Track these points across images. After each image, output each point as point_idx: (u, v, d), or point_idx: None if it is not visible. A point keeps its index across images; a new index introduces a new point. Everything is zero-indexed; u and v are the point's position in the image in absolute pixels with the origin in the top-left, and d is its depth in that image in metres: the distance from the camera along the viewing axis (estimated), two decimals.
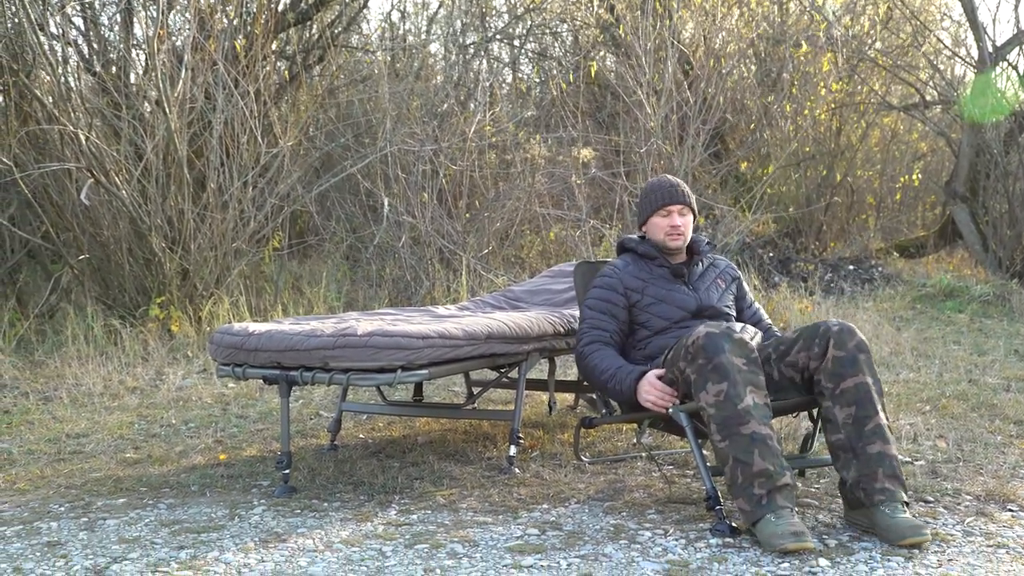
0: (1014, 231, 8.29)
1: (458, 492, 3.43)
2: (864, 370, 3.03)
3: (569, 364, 5.50)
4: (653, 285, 3.53)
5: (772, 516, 2.82)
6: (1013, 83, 8.55)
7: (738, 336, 3.01)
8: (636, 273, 3.55)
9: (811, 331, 3.15)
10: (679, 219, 3.53)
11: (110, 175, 6.18)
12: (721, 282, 3.65)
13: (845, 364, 3.03)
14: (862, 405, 2.99)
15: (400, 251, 7.23)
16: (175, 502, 3.40)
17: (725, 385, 2.92)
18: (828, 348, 3.08)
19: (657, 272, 3.56)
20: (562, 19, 9.91)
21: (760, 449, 2.86)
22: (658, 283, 3.53)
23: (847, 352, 3.04)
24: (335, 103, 8.75)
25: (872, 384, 3.02)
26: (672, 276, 3.55)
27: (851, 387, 3.01)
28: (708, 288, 3.59)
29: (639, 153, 7.81)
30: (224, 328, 3.56)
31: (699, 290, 3.57)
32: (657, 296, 3.51)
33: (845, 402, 3.01)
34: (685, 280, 3.57)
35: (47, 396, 5.09)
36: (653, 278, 3.54)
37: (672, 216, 3.52)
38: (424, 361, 3.30)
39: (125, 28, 7.59)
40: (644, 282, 3.53)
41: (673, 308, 3.50)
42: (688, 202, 3.56)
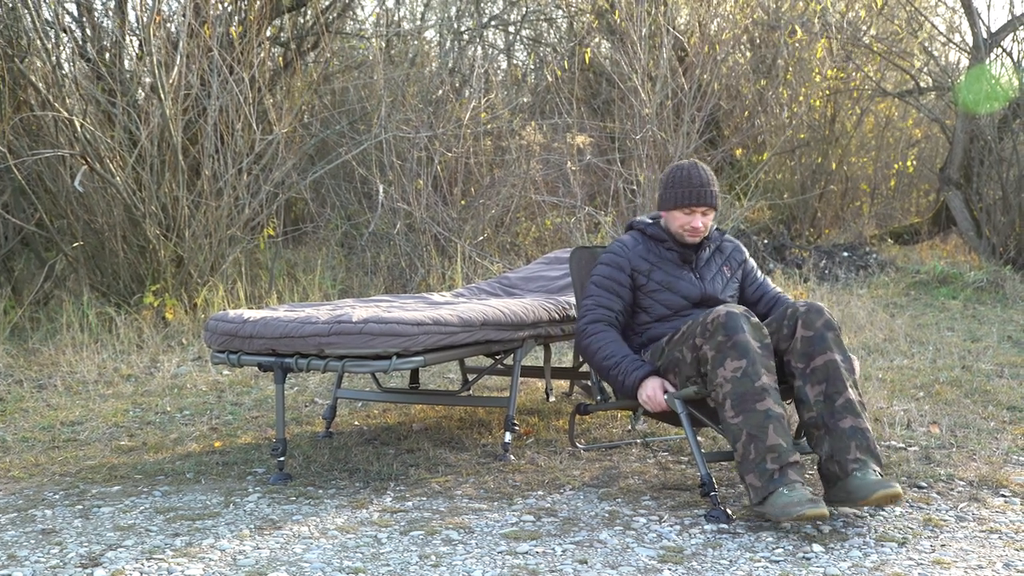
0: (1008, 217, 8.30)
1: (453, 479, 3.44)
2: (832, 348, 3.07)
3: (564, 351, 5.51)
4: (659, 269, 3.47)
5: (785, 489, 2.84)
6: (1007, 70, 8.54)
7: (755, 319, 3.07)
8: (644, 254, 3.49)
9: (780, 314, 3.19)
10: (700, 221, 3.44)
11: (104, 162, 6.16)
12: (727, 269, 3.58)
13: (814, 343, 3.08)
14: (832, 382, 3.03)
15: (395, 238, 7.22)
16: (170, 489, 3.40)
17: (744, 362, 2.96)
18: (796, 329, 3.12)
19: (665, 255, 3.49)
20: (557, 5, 9.88)
21: (775, 426, 2.91)
22: (665, 267, 3.48)
23: (815, 331, 3.09)
24: (330, 90, 8.73)
25: (841, 361, 3.06)
26: (680, 261, 3.49)
27: (820, 365, 3.06)
28: (714, 277, 3.53)
29: (634, 140, 7.81)
30: (219, 315, 3.56)
31: (705, 279, 3.51)
32: (663, 283, 3.46)
33: (815, 380, 3.06)
34: (692, 266, 3.51)
35: (41, 384, 5.09)
36: (660, 261, 3.48)
37: (695, 217, 3.43)
38: (419, 348, 3.30)
39: (120, 14, 7.55)
40: (651, 265, 3.47)
41: (677, 297, 3.46)
42: (714, 203, 3.45)
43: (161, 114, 6.25)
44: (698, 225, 3.44)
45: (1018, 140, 8.43)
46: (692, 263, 3.52)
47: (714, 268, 3.55)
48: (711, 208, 3.46)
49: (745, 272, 3.62)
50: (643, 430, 4.03)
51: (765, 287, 3.64)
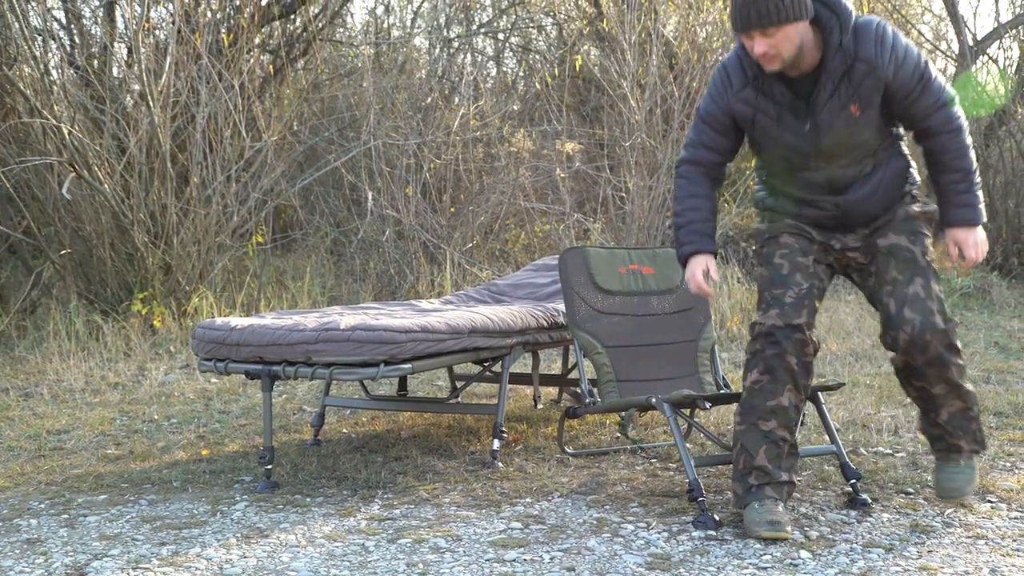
0: (994, 224, 8.33)
1: (441, 486, 3.43)
2: (932, 382, 3.01)
3: (553, 358, 5.51)
4: (762, 114, 2.94)
5: (756, 504, 2.88)
6: (993, 77, 8.59)
7: (801, 337, 2.92)
8: (749, 98, 2.93)
9: (887, 322, 2.99)
10: (762, 45, 2.78)
11: (92, 169, 6.14)
12: (855, 108, 2.88)
13: (913, 373, 3.04)
14: (928, 404, 3.08)
15: (384, 245, 7.22)
16: (157, 498, 3.39)
17: (766, 379, 2.93)
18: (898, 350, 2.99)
19: (779, 98, 2.91)
20: (546, 13, 9.90)
21: (768, 448, 2.92)
22: (770, 114, 2.93)
23: (917, 365, 2.99)
24: (319, 97, 8.72)
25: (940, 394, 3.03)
26: (789, 102, 2.90)
27: (919, 386, 3.06)
28: (833, 121, 2.89)
29: (623, 147, 7.82)
30: (206, 323, 3.55)
31: (821, 127, 2.90)
32: (767, 135, 2.97)
33: (915, 396, 3.12)
34: (806, 108, 2.89)
35: (28, 392, 5.07)
36: (766, 103, 2.93)
37: (754, 42, 2.80)
38: (407, 355, 3.30)
39: (108, 21, 7.54)
40: (753, 109, 2.94)
41: (785, 152, 2.99)
42: (772, 21, 2.73)
43: (149, 121, 6.24)
44: (761, 51, 2.79)
45: (1004, 147, 8.47)
46: (810, 108, 2.90)
47: (836, 107, 2.89)
48: (771, 26, 2.75)
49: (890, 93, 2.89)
50: (632, 436, 4.03)
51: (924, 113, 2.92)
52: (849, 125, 2.91)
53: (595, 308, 3.70)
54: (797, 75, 2.89)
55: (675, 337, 3.80)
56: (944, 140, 2.95)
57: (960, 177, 2.96)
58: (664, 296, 3.85)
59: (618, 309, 3.75)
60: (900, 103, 2.91)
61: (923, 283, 2.97)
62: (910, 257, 3.01)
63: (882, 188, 3.03)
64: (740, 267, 7.68)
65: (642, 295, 3.81)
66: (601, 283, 3.75)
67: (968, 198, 2.97)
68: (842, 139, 2.93)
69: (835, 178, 3.02)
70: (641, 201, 7.48)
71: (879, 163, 3.02)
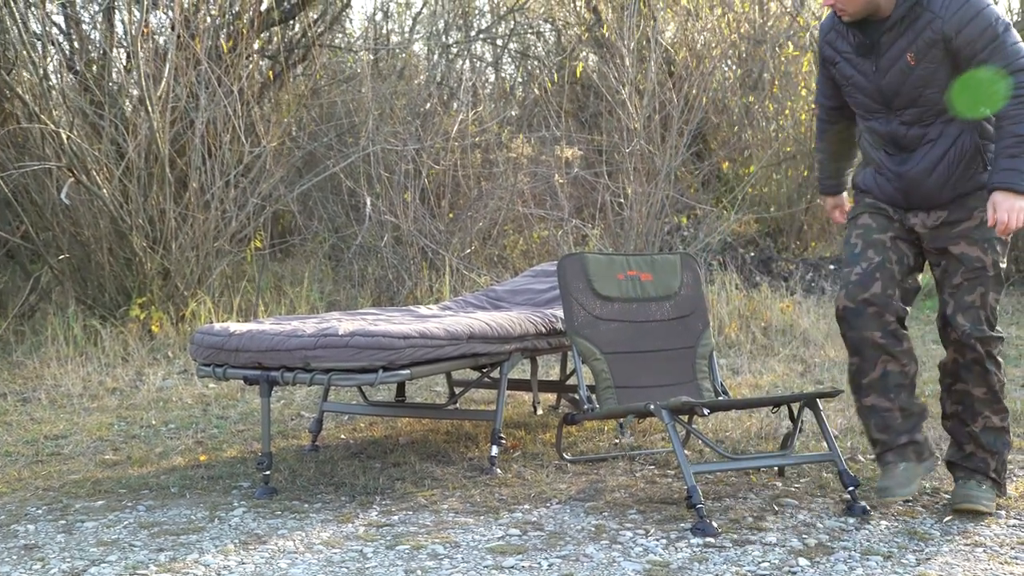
0: None
1: (439, 493, 3.43)
2: (973, 380, 3.13)
3: (551, 364, 5.51)
4: (843, 60, 3.10)
5: (881, 471, 3.15)
6: None
7: (875, 309, 3.05)
8: (833, 40, 3.12)
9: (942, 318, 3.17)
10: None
11: (91, 174, 6.14)
12: (911, 56, 2.95)
13: (959, 370, 3.16)
14: (966, 408, 3.18)
15: (383, 251, 7.21)
16: (154, 504, 3.38)
17: (857, 359, 3.13)
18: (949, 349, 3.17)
19: (852, 40, 3.05)
20: (545, 19, 9.91)
21: (875, 421, 3.14)
22: (849, 57, 3.07)
23: (964, 360, 3.13)
24: (318, 103, 8.72)
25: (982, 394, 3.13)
26: (860, 47, 3.03)
27: (960, 390, 3.18)
28: (892, 68, 2.98)
29: (622, 153, 7.83)
30: (205, 328, 3.55)
31: (884, 71, 3.00)
32: (845, 77, 3.11)
33: (954, 400, 3.21)
34: (875, 53, 3.00)
35: (25, 397, 5.06)
36: (847, 49, 3.08)
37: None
38: (406, 361, 3.30)
39: (108, 26, 7.54)
40: (836, 53, 3.11)
41: (858, 95, 3.10)
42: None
43: (148, 126, 6.24)
44: (831, 2, 2.96)
45: None
46: (875, 50, 3.00)
47: (896, 53, 2.97)
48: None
49: (953, 49, 2.91)
50: (629, 443, 4.03)
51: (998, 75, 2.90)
52: (906, 73, 2.96)
53: (593, 314, 3.70)
54: (875, 20, 2.98)
55: (673, 344, 3.79)
56: (1007, 106, 2.90)
57: (1013, 142, 2.89)
58: (662, 303, 3.84)
59: (617, 315, 3.74)
60: (966, 62, 2.92)
61: (982, 292, 3.06)
62: (979, 267, 3.05)
63: (945, 164, 3.02)
64: (738, 273, 7.69)
65: (640, 301, 3.81)
66: (600, 289, 3.75)
67: (1013, 163, 2.88)
68: (900, 86, 2.99)
69: (898, 134, 3.07)
70: (640, 207, 7.48)
71: (946, 134, 3.02)
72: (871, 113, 3.11)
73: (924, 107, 3.00)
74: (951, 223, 3.06)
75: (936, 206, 3.08)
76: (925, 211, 3.10)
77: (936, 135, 3.02)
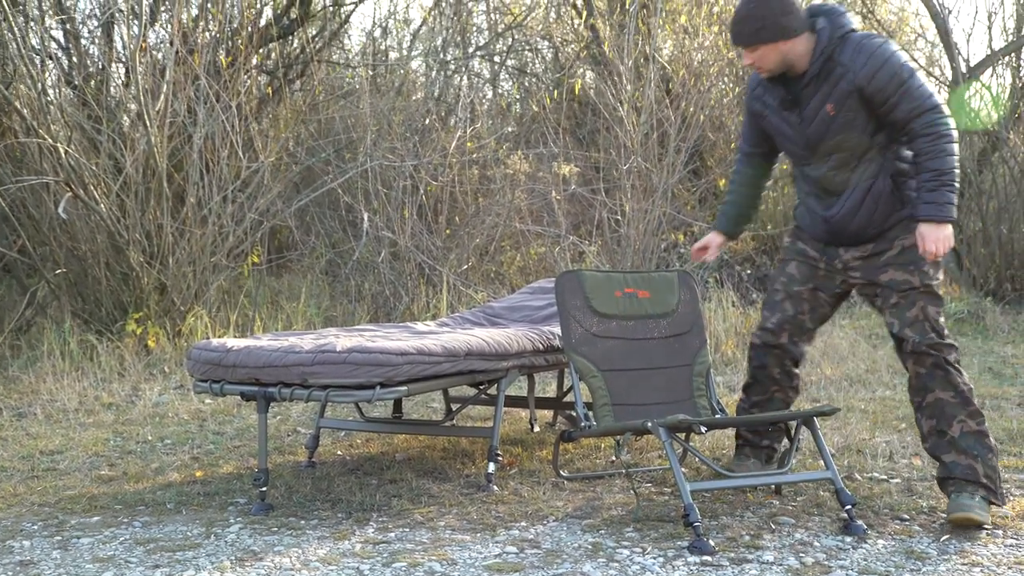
0: (988, 249, 8.36)
1: (436, 510, 3.42)
2: (940, 386, 3.25)
3: (548, 381, 5.51)
4: (771, 113, 3.38)
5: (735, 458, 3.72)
6: (986, 104, 8.64)
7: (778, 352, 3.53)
8: (761, 95, 3.40)
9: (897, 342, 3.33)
10: (748, 58, 3.25)
11: (88, 189, 6.14)
12: (831, 107, 3.21)
13: (924, 380, 3.27)
14: (940, 419, 3.24)
15: (380, 267, 7.22)
16: (150, 520, 3.37)
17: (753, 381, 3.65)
18: (908, 365, 3.31)
19: (776, 94, 3.33)
20: (543, 36, 9.95)
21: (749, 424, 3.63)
22: (775, 109, 3.36)
23: (926, 369, 3.26)
24: (316, 118, 8.74)
25: (950, 398, 3.24)
26: (785, 101, 3.31)
27: (931, 402, 3.26)
28: (814, 118, 3.25)
29: (620, 170, 7.85)
30: (202, 344, 3.54)
31: (808, 122, 3.26)
32: (774, 128, 3.40)
33: (928, 415, 3.27)
34: (798, 106, 3.28)
35: (21, 412, 5.05)
36: (772, 103, 3.36)
37: (745, 54, 3.26)
38: (403, 378, 3.30)
39: (106, 41, 7.56)
40: (764, 106, 3.40)
41: (788, 145, 3.39)
42: (745, 42, 3.21)
43: (147, 141, 6.25)
44: (748, 63, 3.27)
45: (997, 173, 8.51)
46: (797, 103, 3.28)
47: (816, 104, 3.24)
48: (749, 46, 3.21)
49: (867, 97, 3.17)
50: (627, 460, 4.02)
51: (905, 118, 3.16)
52: (827, 123, 3.24)
53: (591, 331, 3.70)
54: (794, 75, 3.27)
55: (671, 361, 3.80)
56: (921, 143, 3.17)
57: (931, 177, 3.16)
58: (660, 320, 3.85)
59: (614, 333, 3.75)
60: (880, 107, 3.19)
61: (922, 306, 3.27)
62: (908, 288, 3.28)
63: (866, 206, 3.29)
64: (735, 291, 7.70)
65: (638, 319, 3.81)
66: (597, 307, 3.75)
67: (935, 196, 3.15)
68: (824, 134, 3.26)
69: (826, 179, 3.34)
70: (637, 224, 7.50)
71: (865, 177, 3.28)
72: (802, 160, 3.40)
73: (847, 152, 3.27)
74: (878, 254, 3.33)
75: (863, 241, 3.35)
76: (854, 246, 3.37)
77: (857, 180, 3.29)
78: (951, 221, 3.16)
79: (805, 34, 3.21)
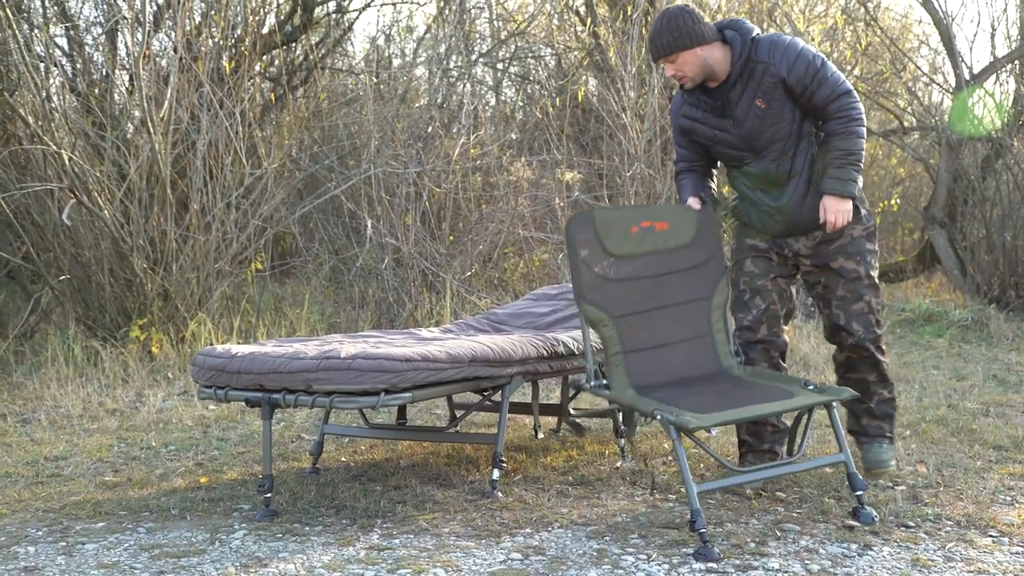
0: (992, 256, 8.36)
1: (441, 516, 3.42)
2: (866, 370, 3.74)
3: (552, 387, 5.50)
4: (702, 124, 3.60)
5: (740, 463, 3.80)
6: (990, 110, 8.64)
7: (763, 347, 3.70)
8: (687, 112, 3.62)
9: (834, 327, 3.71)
10: (670, 69, 3.51)
11: (92, 195, 6.15)
12: (760, 102, 3.48)
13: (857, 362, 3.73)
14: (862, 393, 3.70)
15: (383, 273, 7.22)
16: (155, 526, 3.37)
17: None
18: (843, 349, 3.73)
19: (704, 105, 3.57)
20: (546, 43, 9.96)
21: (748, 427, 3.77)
22: (706, 121, 3.58)
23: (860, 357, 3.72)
24: (320, 125, 8.76)
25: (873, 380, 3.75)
26: (715, 110, 3.54)
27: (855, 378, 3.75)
28: (747, 116, 3.50)
29: (623, 177, 7.85)
30: (206, 350, 3.55)
31: (740, 122, 3.51)
32: (708, 138, 3.60)
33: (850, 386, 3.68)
34: (728, 111, 3.53)
35: (25, 418, 5.05)
36: (702, 116, 3.59)
37: (668, 67, 3.51)
38: (407, 384, 3.30)
39: (110, 48, 7.58)
40: (693, 121, 3.61)
41: (726, 149, 3.59)
42: (665, 52, 3.45)
43: (150, 148, 6.26)
44: (671, 74, 3.51)
45: (1001, 180, 8.51)
46: (727, 107, 3.52)
47: (746, 103, 3.51)
48: (669, 55, 3.45)
49: (789, 88, 3.47)
50: (630, 467, 4.02)
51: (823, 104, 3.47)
52: (759, 117, 3.50)
53: (603, 276, 3.52)
54: (716, 85, 3.55)
55: (688, 295, 3.62)
56: (833, 125, 3.49)
57: (838, 155, 3.48)
58: (677, 252, 3.64)
59: (628, 273, 3.56)
60: (801, 96, 3.48)
61: (867, 299, 3.64)
62: (856, 278, 3.63)
63: (813, 191, 3.58)
64: None
65: (654, 254, 3.60)
66: (611, 247, 3.54)
67: (838, 172, 3.49)
68: (757, 130, 3.52)
69: (769, 173, 3.60)
70: None
71: (806, 164, 3.58)
72: (742, 161, 3.62)
73: (783, 140, 3.54)
74: (827, 241, 3.63)
75: (813, 229, 3.63)
76: (805, 235, 3.65)
77: (800, 167, 3.58)
78: (852, 197, 3.51)
79: (718, 43, 3.50)
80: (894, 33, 10.16)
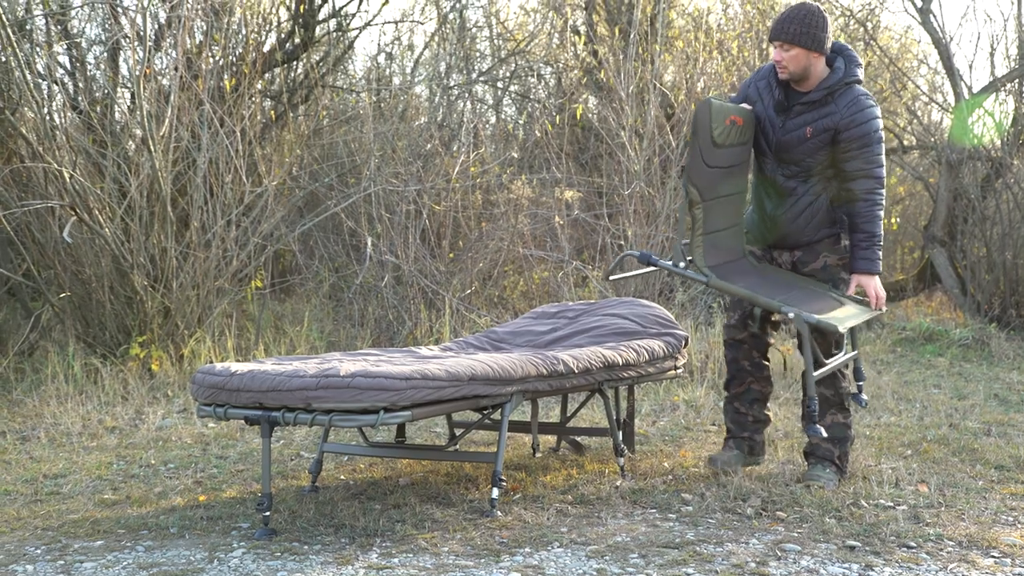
0: (992, 275, 8.37)
1: (440, 535, 3.41)
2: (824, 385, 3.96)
3: (552, 406, 5.50)
4: (760, 106, 3.88)
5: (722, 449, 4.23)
6: (988, 129, 8.67)
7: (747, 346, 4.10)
8: (761, 89, 3.89)
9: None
10: (778, 54, 3.73)
11: (93, 213, 6.16)
12: (809, 130, 3.78)
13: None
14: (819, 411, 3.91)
15: (383, 291, 7.22)
16: (153, 544, 3.36)
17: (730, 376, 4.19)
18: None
19: (775, 97, 3.83)
20: (545, 62, 10.00)
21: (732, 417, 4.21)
22: (765, 107, 3.86)
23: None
24: (320, 143, 8.78)
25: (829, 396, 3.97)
26: (778, 102, 3.81)
27: None
28: (794, 132, 3.80)
29: (622, 195, 7.87)
30: (206, 368, 3.54)
31: (788, 130, 3.81)
32: (759, 115, 3.87)
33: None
34: (787, 112, 3.81)
35: (25, 435, 5.04)
36: (768, 99, 3.85)
37: (777, 50, 3.73)
38: (407, 402, 3.29)
39: (112, 67, 7.60)
40: (759, 96, 3.88)
41: (761, 137, 3.87)
42: (787, 39, 3.69)
43: (151, 166, 6.27)
44: (777, 58, 3.74)
45: (1001, 199, 8.53)
46: (787, 109, 3.81)
47: (799, 122, 3.80)
48: (788, 44, 3.69)
49: (836, 138, 3.78)
50: (630, 486, 4.01)
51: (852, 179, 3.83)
52: (800, 140, 3.82)
53: (706, 162, 3.79)
54: (796, 89, 3.84)
55: (738, 188, 3.98)
56: (859, 206, 3.85)
57: (864, 238, 3.87)
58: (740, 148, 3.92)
59: (716, 162, 3.84)
60: (840, 152, 3.81)
61: None
62: None
63: (807, 214, 3.91)
64: None
65: (731, 147, 3.88)
66: (716, 136, 3.80)
67: (867, 253, 3.88)
68: (793, 148, 3.83)
69: (776, 182, 3.93)
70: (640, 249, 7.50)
71: (812, 192, 3.90)
72: (763, 156, 3.95)
73: (805, 169, 3.87)
74: (803, 263, 3.99)
75: (794, 247, 3.98)
76: (788, 251, 4.01)
77: (804, 191, 3.90)
78: (879, 274, 3.92)
79: (824, 59, 3.79)
80: (893, 52, 10.20)
